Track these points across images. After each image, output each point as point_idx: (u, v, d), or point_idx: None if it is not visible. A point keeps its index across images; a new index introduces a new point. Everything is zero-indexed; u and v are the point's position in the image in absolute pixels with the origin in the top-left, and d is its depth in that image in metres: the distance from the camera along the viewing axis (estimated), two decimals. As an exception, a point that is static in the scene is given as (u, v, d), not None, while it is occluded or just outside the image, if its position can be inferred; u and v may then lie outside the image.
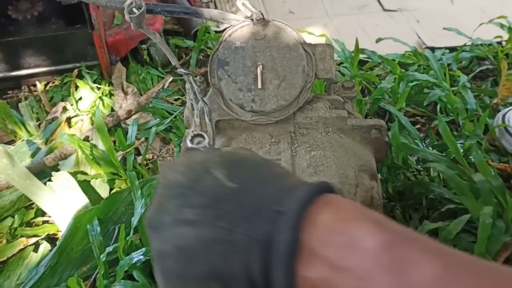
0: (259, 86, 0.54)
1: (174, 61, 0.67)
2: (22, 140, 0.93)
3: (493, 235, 0.69)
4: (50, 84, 1.05)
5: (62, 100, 0.98)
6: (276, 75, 0.55)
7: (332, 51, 0.61)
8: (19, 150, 0.89)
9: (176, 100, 1.05)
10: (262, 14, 0.56)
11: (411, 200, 0.82)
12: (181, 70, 0.55)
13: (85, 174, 0.85)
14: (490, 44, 1.16)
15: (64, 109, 0.95)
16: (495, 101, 1.03)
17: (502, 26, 1.15)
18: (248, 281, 0.28)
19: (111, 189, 0.85)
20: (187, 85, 0.69)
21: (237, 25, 0.57)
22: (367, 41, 1.20)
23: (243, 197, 0.29)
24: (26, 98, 1.00)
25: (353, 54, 1.04)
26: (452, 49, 1.18)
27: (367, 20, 1.32)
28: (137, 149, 0.90)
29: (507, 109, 0.95)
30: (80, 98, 0.98)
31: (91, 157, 0.83)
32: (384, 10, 1.37)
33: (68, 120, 0.94)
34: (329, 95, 0.65)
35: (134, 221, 0.72)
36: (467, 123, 0.95)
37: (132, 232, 0.72)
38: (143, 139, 0.90)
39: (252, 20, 0.56)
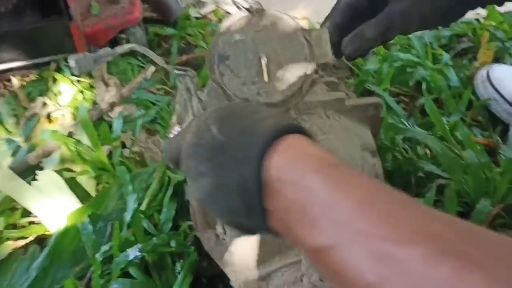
0: (266, 79, 0.52)
1: (160, 62, 0.66)
2: (0, 139, 0.89)
3: (478, 209, 0.71)
4: (26, 79, 1.01)
5: (40, 95, 0.95)
6: (279, 65, 0.54)
7: (327, 36, 0.60)
8: (-1, 150, 0.86)
9: (159, 90, 1.03)
10: (260, 4, 0.54)
11: (399, 180, 0.83)
12: (175, 71, 0.54)
13: (71, 171, 0.82)
14: (469, 22, 1.17)
15: (44, 104, 0.92)
16: (476, 64, 1.04)
17: (480, 2, 1.16)
18: (246, 213, 0.35)
19: (97, 185, 0.83)
20: (179, 83, 0.68)
21: (233, 18, 0.55)
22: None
23: (229, 148, 0.36)
24: (2, 95, 0.96)
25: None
26: (432, 27, 1.19)
27: None
28: (123, 142, 0.88)
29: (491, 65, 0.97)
30: (59, 92, 0.95)
31: (76, 153, 0.81)
32: (363, -10, 1.36)
33: (48, 115, 0.91)
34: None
35: (127, 216, 0.71)
36: (450, 100, 0.96)
37: (126, 228, 0.70)
38: (130, 132, 0.88)
39: (250, 11, 0.54)
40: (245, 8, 0.56)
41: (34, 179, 0.78)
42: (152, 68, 1.01)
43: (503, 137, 0.92)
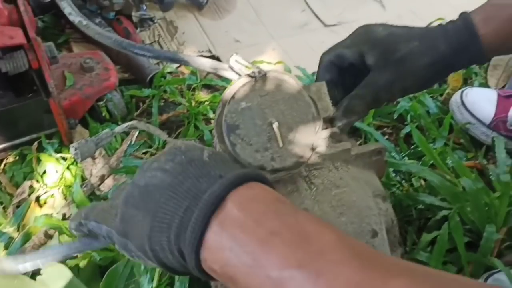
0: (280, 144, 0.53)
1: (164, 137, 0.65)
2: (-12, 231, 0.84)
3: (486, 237, 0.74)
4: (5, 161, 0.96)
5: (25, 178, 0.91)
6: (289, 128, 0.54)
7: (325, 88, 0.61)
8: (-11, 244, 0.81)
9: (144, 153, 1.01)
10: (262, 69, 0.55)
11: (401, 214, 0.85)
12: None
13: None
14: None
15: (31, 188, 0.88)
16: (447, 91, 1.09)
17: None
18: (170, 231, 0.36)
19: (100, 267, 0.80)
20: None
21: (236, 85, 0.55)
22: (317, 59, 1.22)
23: (207, 168, 0.39)
24: (-18, 183, 0.91)
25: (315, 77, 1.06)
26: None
27: (312, 38, 1.35)
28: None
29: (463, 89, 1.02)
30: (44, 172, 0.91)
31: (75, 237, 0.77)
32: (326, 26, 1.41)
33: (37, 198, 0.87)
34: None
35: (144, 299, 0.69)
36: (431, 126, 1.00)
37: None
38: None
39: (253, 77, 0.54)
40: (246, 74, 0.56)
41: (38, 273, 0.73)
42: (136, 133, 1.00)
43: (486, 157, 0.96)
